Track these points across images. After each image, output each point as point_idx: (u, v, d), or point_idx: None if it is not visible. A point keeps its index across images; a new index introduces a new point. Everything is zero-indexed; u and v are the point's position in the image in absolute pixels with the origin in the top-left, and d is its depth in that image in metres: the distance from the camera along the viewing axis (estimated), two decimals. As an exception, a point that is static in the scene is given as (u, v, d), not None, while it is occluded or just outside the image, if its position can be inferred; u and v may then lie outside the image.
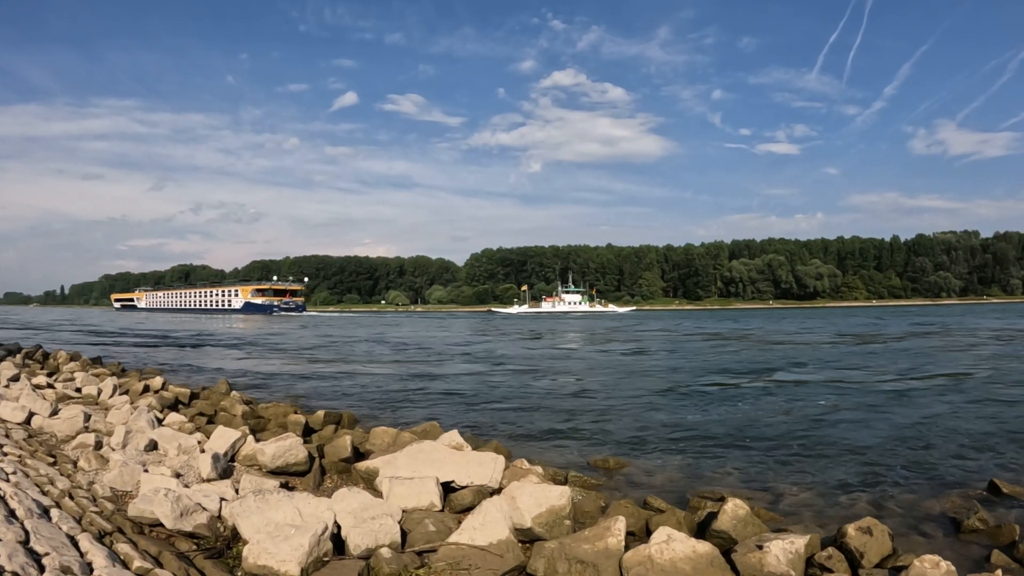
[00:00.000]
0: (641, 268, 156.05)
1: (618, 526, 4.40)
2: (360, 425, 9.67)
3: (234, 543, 4.51)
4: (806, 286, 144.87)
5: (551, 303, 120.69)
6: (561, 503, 4.96)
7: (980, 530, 5.24)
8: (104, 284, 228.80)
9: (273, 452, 6.50)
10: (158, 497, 4.65)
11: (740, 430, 9.54)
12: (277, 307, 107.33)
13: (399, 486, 5.30)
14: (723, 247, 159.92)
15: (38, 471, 5.78)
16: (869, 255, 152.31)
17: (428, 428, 8.24)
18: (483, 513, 4.58)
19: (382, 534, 4.49)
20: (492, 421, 10.50)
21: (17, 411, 8.45)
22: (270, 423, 9.14)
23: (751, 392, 13.51)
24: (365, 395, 13.62)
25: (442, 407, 11.99)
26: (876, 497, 6.29)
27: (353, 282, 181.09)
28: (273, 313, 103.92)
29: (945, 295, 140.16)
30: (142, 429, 7.51)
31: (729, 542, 4.69)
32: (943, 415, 10.44)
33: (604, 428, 9.82)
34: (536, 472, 6.26)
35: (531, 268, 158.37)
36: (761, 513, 5.55)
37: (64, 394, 11.02)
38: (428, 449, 6.22)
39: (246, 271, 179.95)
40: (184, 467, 6.25)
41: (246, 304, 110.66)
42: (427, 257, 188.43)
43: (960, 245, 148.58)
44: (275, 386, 15.19)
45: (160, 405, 9.99)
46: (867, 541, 4.49)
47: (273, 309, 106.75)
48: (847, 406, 11.52)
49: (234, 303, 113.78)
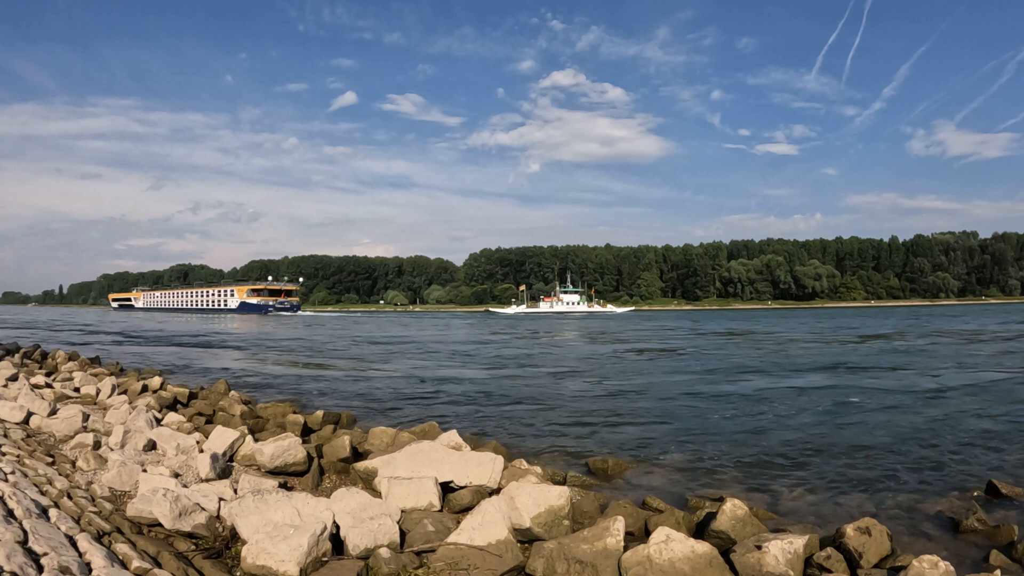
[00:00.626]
0: (640, 268, 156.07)
1: (617, 526, 4.40)
2: (358, 425, 9.67)
3: (233, 543, 4.51)
4: (804, 287, 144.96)
5: (549, 303, 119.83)
6: (560, 503, 4.96)
7: (979, 530, 5.26)
8: (102, 284, 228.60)
9: (272, 452, 6.50)
10: (157, 497, 4.64)
11: (738, 431, 9.55)
12: (272, 307, 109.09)
13: (398, 486, 5.30)
14: (722, 247, 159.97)
15: (36, 471, 5.78)
16: (867, 255, 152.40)
17: (427, 428, 8.25)
18: (482, 513, 4.59)
19: (381, 534, 4.49)
20: (490, 421, 10.49)
21: (15, 411, 8.45)
22: (268, 423, 9.14)
23: (749, 393, 13.51)
24: (363, 395, 13.60)
25: (440, 407, 11.98)
26: (875, 497, 6.30)
27: (352, 282, 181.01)
28: (268, 313, 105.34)
29: (943, 296, 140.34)
30: (140, 429, 7.51)
31: (728, 542, 4.70)
32: (941, 416, 10.45)
33: (603, 429, 9.81)
34: (535, 472, 6.27)
35: (529, 268, 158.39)
36: (760, 513, 5.56)
37: (62, 394, 11.01)
38: (427, 449, 6.22)
39: (244, 271, 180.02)
40: (183, 467, 6.25)
41: (242, 304, 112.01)
42: (425, 257, 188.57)
43: (958, 246, 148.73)
44: (273, 386, 15.17)
45: (159, 405, 9.99)
46: (866, 541, 4.50)
47: (268, 309, 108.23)
48: (845, 407, 11.53)
49: (230, 303, 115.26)
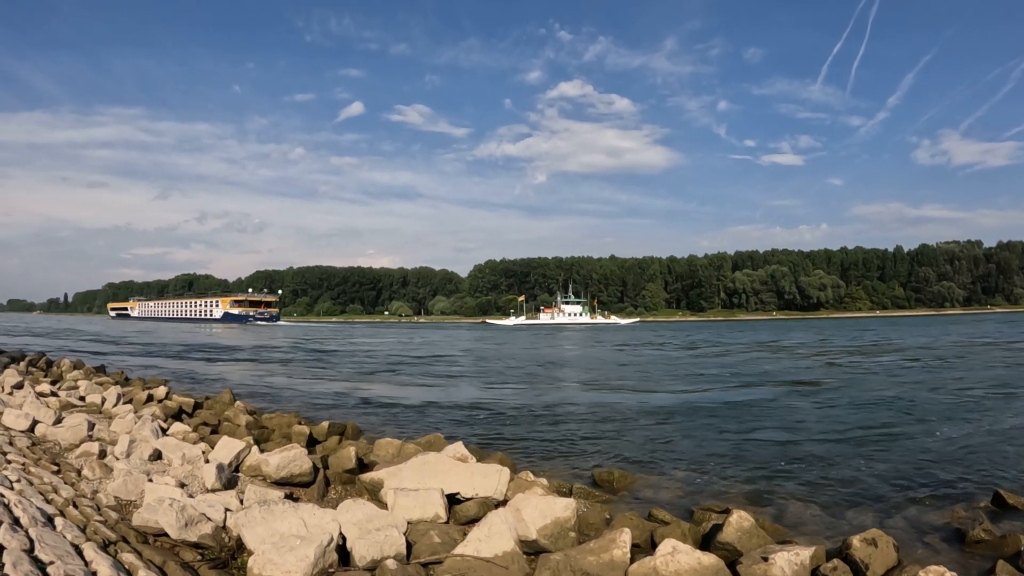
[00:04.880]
0: (644, 279, 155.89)
1: (623, 538, 4.39)
2: (364, 436, 9.66)
3: (239, 553, 4.52)
4: (809, 297, 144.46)
5: (550, 314, 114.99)
6: (566, 515, 4.95)
7: (985, 541, 5.22)
8: (107, 292, 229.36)
9: (278, 463, 6.51)
10: (163, 507, 4.66)
11: (745, 442, 9.52)
12: (252, 317, 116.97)
13: (404, 497, 5.30)
14: (726, 258, 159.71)
15: (42, 479, 5.79)
16: (872, 265, 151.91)
17: (432, 440, 8.24)
18: (488, 525, 4.58)
19: (387, 545, 4.48)
20: (496, 433, 10.48)
21: (21, 419, 8.47)
22: (274, 433, 9.15)
23: (755, 404, 13.47)
24: (365, 406, 13.60)
25: (445, 419, 11.98)
26: (881, 509, 6.27)
27: (356, 292, 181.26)
28: (248, 322, 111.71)
29: (949, 305, 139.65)
30: (146, 438, 7.52)
31: (734, 554, 4.68)
32: (947, 426, 10.39)
33: (609, 440, 9.79)
34: (541, 484, 6.26)
35: (534, 279, 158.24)
36: (766, 525, 5.53)
37: (68, 402, 11.03)
38: (433, 461, 6.21)
39: (249, 281, 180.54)
40: (188, 477, 6.26)
41: (225, 314, 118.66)
42: (430, 268, 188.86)
43: (963, 255, 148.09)
44: (276, 396, 15.18)
45: (164, 414, 10.01)
46: (872, 553, 4.48)
47: (248, 319, 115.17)
48: (851, 418, 11.48)
49: (215, 313, 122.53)
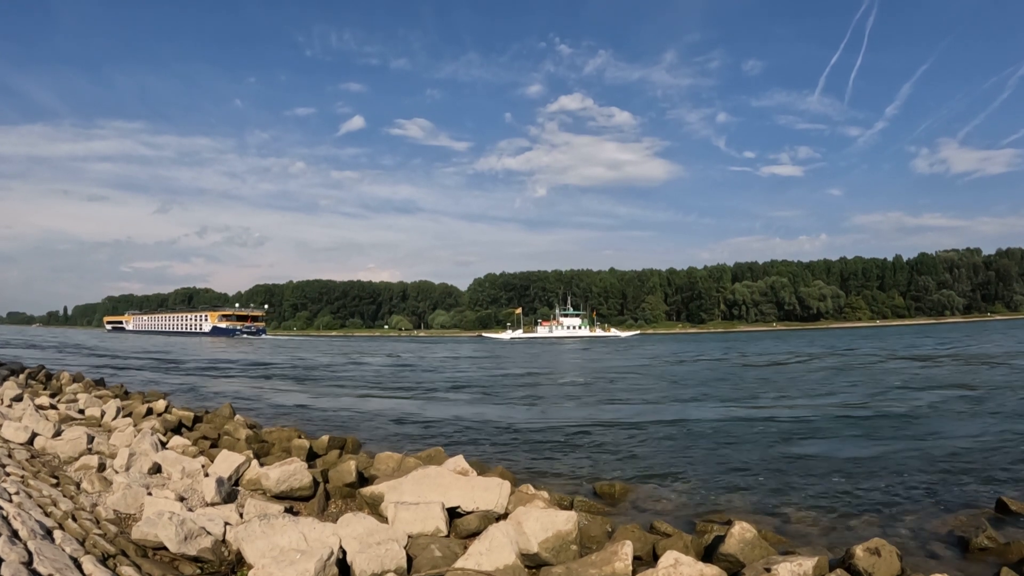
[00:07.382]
0: (644, 292, 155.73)
1: (625, 550, 4.37)
2: (364, 450, 9.63)
3: (238, 567, 4.49)
4: (809, 307, 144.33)
5: (548, 327, 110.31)
6: (567, 528, 4.93)
7: (989, 548, 5.21)
8: (107, 305, 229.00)
9: (278, 476, 6.48)
10: (162, 520, 4.63)
11: (746, 453, 9.49)
12: (239, 331, 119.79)
13: (405, 511, 5.28)
14: (726, 270, 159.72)
15: (41, 492, 5.77)
16: (872, 275, 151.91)
17: (433, 453, 8.20)
18: (489, 538, 4.55)
19: (388, 559, 4.46)
20: (497, 446, 10.45)
21: (20, 431, 8.45)
22: (274, 447, 9.11)
23: (755, 416, 13.43)
24: (365, 420, 13.56)
25: (445, 432, 11.94)
26: (884, 517, 6.25)
27: (356, 306, 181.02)
28: (235, 336, 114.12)
29: (948, 313, 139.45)
30: (145, 452, 7.49)
31: (737, 565, 4.65)
32: (950, 434, 10.36)
33: (609, 453, 9.76)
34: (542, 497, 6.23)
35: (534, 293, 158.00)
36: (768, 536, 5.50)
37: (67, 415, 11.00)
38: (433, 474, 6.19)
39: (249, 295, 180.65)
40: (188, 490, 6.23)
41: (213, 328, 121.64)
42: (430, 282, 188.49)
43: (963, 263, 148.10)
44: (276, 410, 15.14)
45: (163, 428, 9.98)
46: (876, 562, 4.46)
47: (235, 332, 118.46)
48: (853, 427, 11.46)
49: (204, 327, 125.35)
